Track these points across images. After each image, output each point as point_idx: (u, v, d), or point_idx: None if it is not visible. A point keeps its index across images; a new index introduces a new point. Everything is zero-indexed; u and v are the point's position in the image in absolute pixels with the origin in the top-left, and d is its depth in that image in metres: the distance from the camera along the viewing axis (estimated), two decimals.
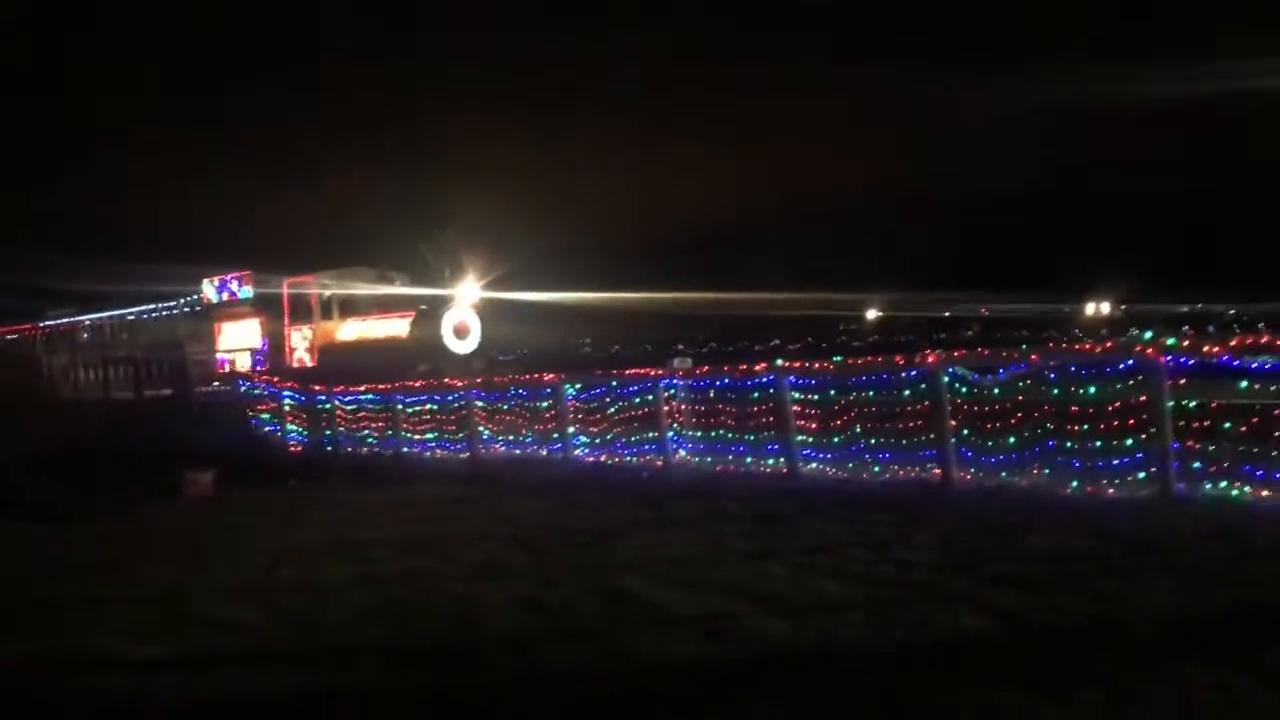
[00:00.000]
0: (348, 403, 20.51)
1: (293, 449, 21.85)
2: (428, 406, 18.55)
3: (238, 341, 29.28)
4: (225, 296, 29.50)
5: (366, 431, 20.06)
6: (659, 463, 14.16)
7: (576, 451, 15.69)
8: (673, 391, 14.07)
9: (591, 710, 5.17)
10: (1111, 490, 9.43)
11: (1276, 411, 8.37)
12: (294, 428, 22.22)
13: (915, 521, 9.34)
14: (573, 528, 10.62)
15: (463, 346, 24.61)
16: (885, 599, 6.94)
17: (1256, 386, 8.57)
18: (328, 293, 27.50)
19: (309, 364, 27.03)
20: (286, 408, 22.38)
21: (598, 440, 15.36)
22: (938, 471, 10.88)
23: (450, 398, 18.12)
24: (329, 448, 20.74)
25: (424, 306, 25.47)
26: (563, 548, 9.60)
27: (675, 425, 14.06)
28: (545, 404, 16.22)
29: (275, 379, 24.32)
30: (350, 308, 27.27)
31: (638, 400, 14.45)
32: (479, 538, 10.45)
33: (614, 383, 15.05)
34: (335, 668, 6.30)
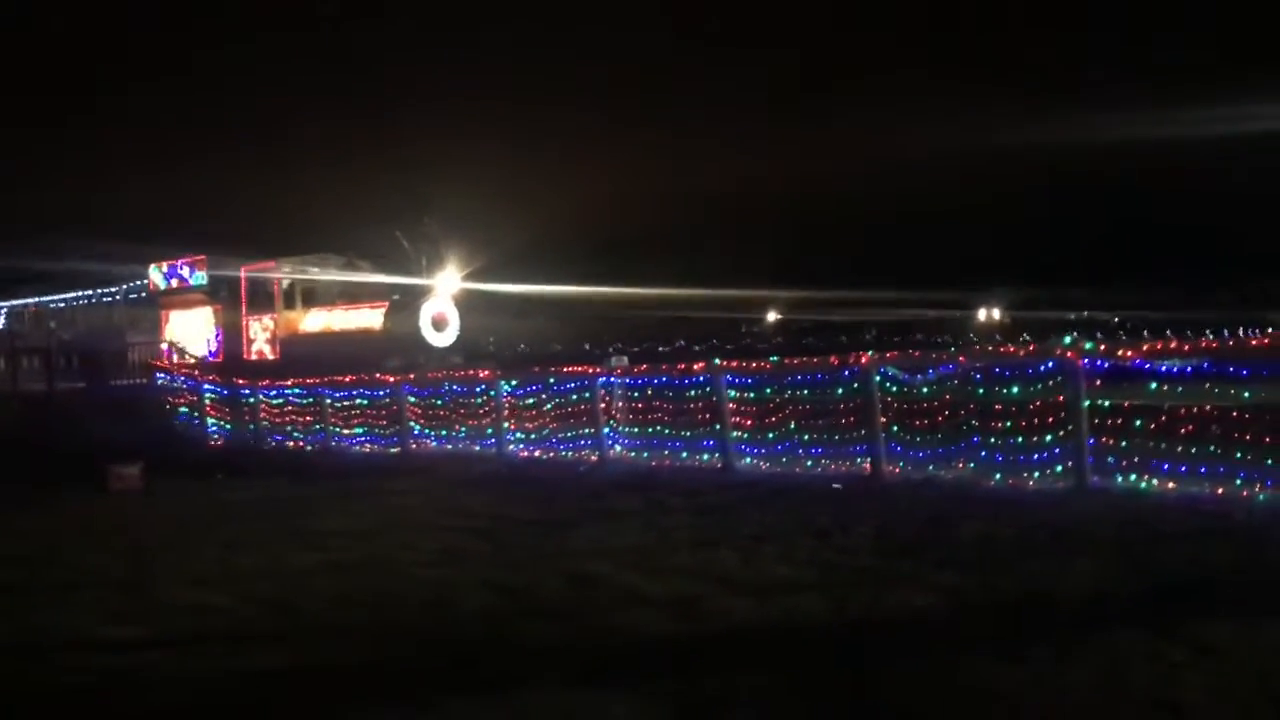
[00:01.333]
0: (273, 397, 20.48)
1: (213, 443, 21.73)
2: (357, 401, 18.68)
3: (187, 331, 27.95)
4: (174, 283, 27.94)
5: (291, 426, 20.07)
6: (594, 458, 14.57)
7: (511, 447, 16.02)
8: (610, 389, 14.50)
9: (586, 678, 5.57)
10: (1031, 482, 10.15)
11: (1182, 411, 9.14)
12: (215, 421, 22.08)
13: (851, 511, 9.93)
14: (523, 519, 10.97)
15: (441, 339, 23.76)
16: (836, 581, 7.47)
17: (1165, 388, 9.37)
18: (289, 280, 26.09)
19: (269, 356, 25.89)
20: (207, 401, 22.22)
21: (533, 436, 15.72)
22: (867, 465, 11.51)
23: (381, 393, 18.28)
24: (252, 442, 20.69)
25: (396, 296, 24.45)
26: (519, 537, 9.97)
27: (612, 422, 14.49)
28: (480, 400, 16.51)
29: (202, 373, 23.73)
30: (315, 297, 26.05)
31: (575, 397, 14.85)
32: (432, 528, 10.75)
33: (551, 379, 15.43)
34: (329, 646, 6.60)
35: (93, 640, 6.94)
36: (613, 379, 14.67)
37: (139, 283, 29.75)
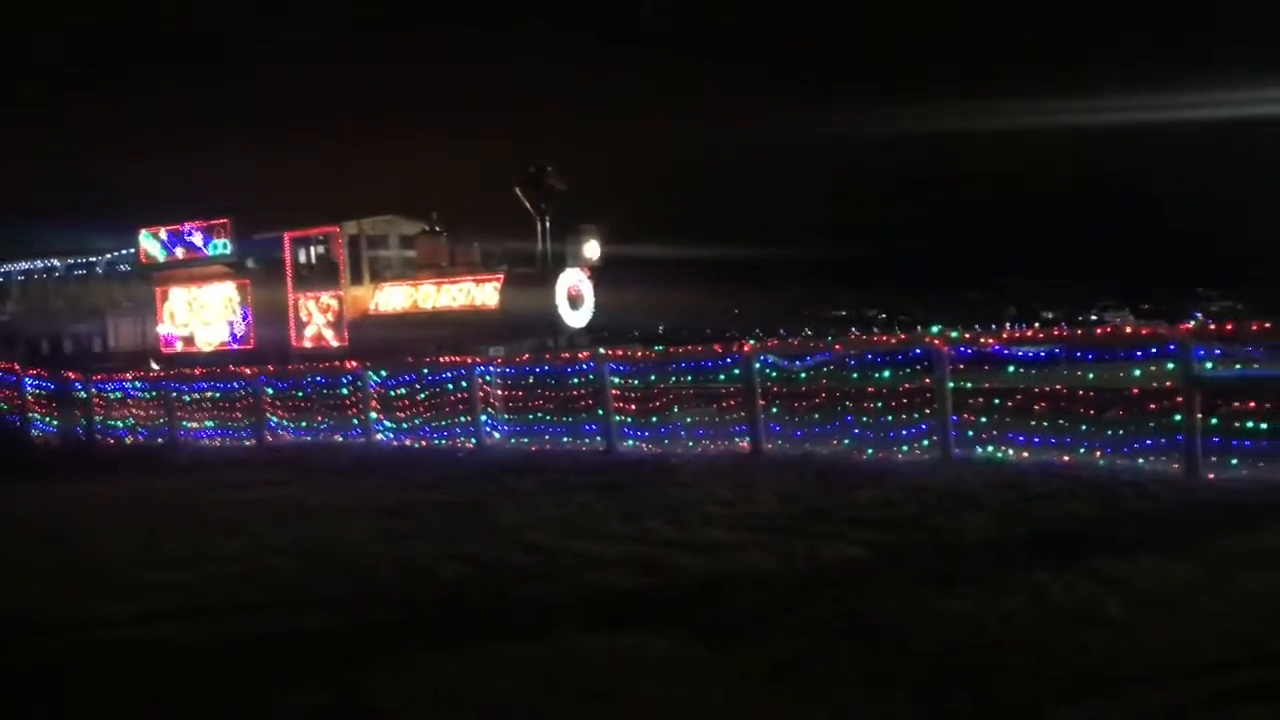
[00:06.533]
0: (110, 390, 19.88)
1: (38, 440, 20.85)
2: (209, 394, 18.43)
3: (199, 311, 23.00)
4: (181, 252, 22.71)
5: (132, 420, 19.56)
6: (470, 444, 15.06)
7: (380, 436, 16.29)
8: (488, 377, 15.03)
9: (605, 623, 6.27)
10: (900, 455, 11.39)
11: (1035, 390, 10.57)
12: (39, 417, 21.15)
13: (746, 483, 10.88)
14: (429, 501, 11.41)
15: (577, 319, 19.26)
16: (768, 540, 8.39)
17: (1021, 370, 10.79)
18: (376, 248, 20.91)
19: (332, 343, 20.76)
20: (30, 396, 21.25)
21: (404, 425, 16.04)
22: (745, 444, 12.53)
23: (235, 385, 18.12)
24: (85, 439, 20.02)
25: (503, 266, 19.78)
26: (440, 516, 10.44)
27: (490, 409, 15.02)
28: (346, 390, 16.69)
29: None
30: (385, 268, 21.13)
31: (450, 386, 15.29)
32: (342, 511, 11.06)
33: (425, 370, 15.80)
34: (345, 609, 7.06)
35: (85, 619, 7.14)
36: (490, 367, 15.20)
37: (124, 252, 24.72)
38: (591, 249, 18.98)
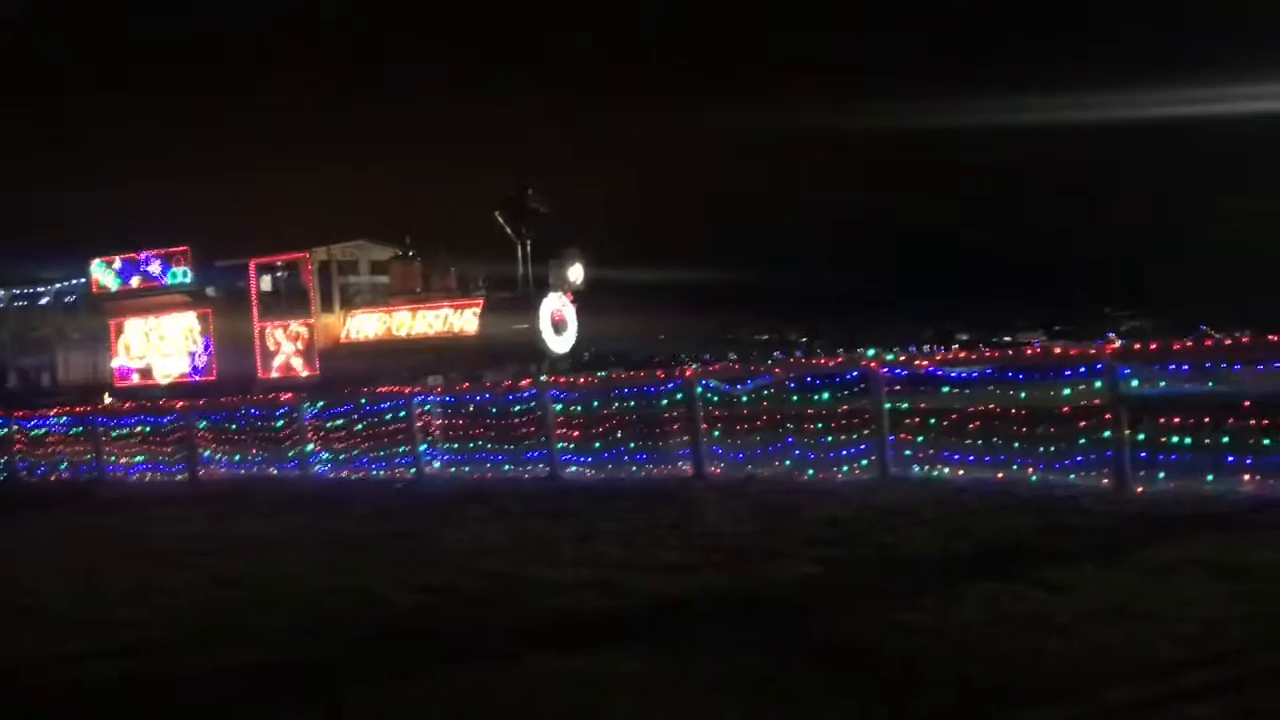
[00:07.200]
0: (32, 427, 19.41)
1: None
2: (139, 429, 18.10)
3: (157, 342, 22.20)
4: (136, 282, 21.96)
5: (57, 458, 19.11)
6: (409, 475, 15.02)
7: (317, 468, 16.15)
8: (428, 407, 15.02)
9: (575, 646, 6.36)
10: (840, 475, 11.67)
11: (969, 409, 10.93)
12: None
13: (693, 506, 11.05)
14: (372, 531, 11.38)
15: (561, 344, 18.64)
16: (721, 560, 8.57)
17: (955, 391, 11.16)
18: (347, 274, 20.34)
19: (302, 373, 20.10)
20: None
21: (341, 457, 15.93)
22: (689, 468, 12.72)
23: (165, 420, 17.83)
24: (5, 476, 19.51)
25: (480, 291, 19.26)
26: (386, 546, 10.42)
27: (430, 438, 15.00)
28: (281, 423, 16.53)
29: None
30: (356, 296, 20.48)
31: (389, 416, 15.25)
32: (289, 543, 10.98)
33: (362, 400, 15.74)
34: (301, 641, 7.03)
35: (52, 654, 7.03)
36: (430, 396, 15.19)
37: (74, 282, 23.77)
38: (575, 272, 18.60)
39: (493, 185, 20.61)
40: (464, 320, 18.79)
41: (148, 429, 18.03)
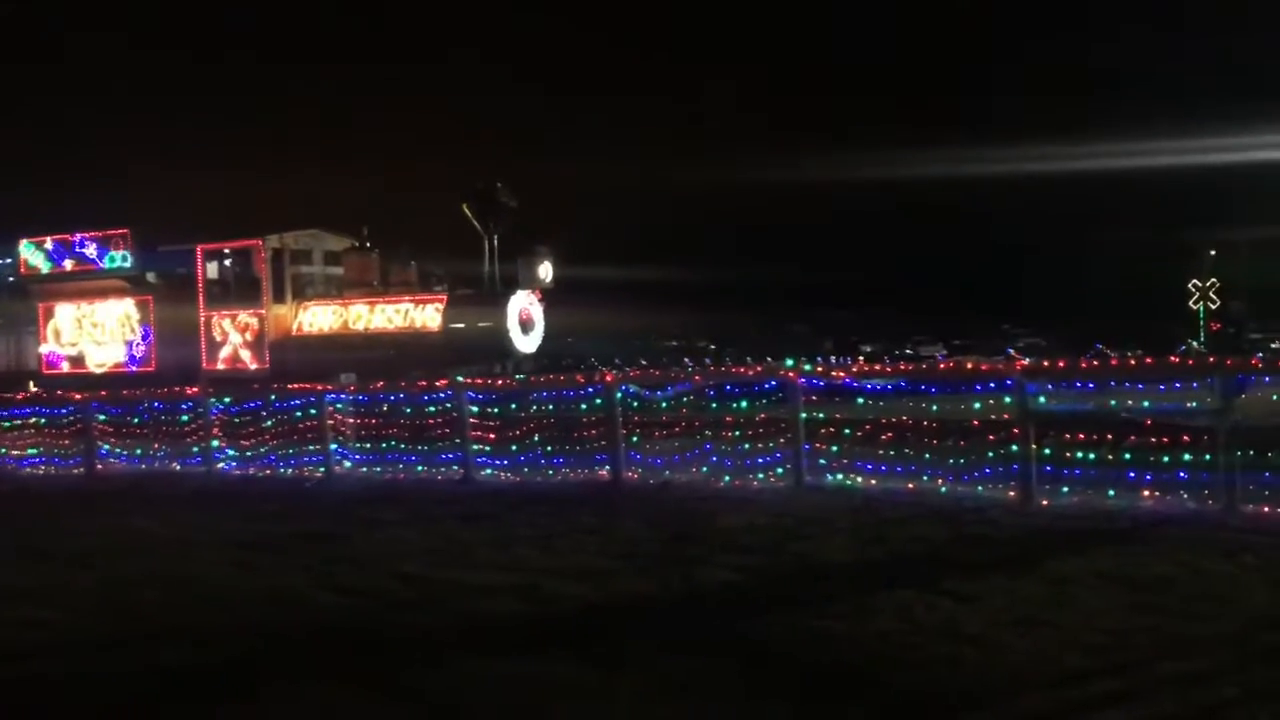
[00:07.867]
0: None
1: None
2: (32, 420, 17.51)
3: (90, 329, 21.20)
4: (70, 265, 20.88)
5: None
6: (318, 474, 14.80)
7: (221, 465, 15.82)
8: (339, 405, 14.82)
9: (503, 651, 6.37)
10: (755, 483, 11.84)
11: (883, 421, 11.20)
12: None
13: (611, 512, 11.11)
14: (284, 532, 11.15)
15: (528, 344, 18.16)
16: (642, 566, 8.63)
17: (870, 402, 11.42)
18: (302, 264, 19.57)
19: (250, 365, 19.36)
20: None
21: (248, 453, 15.63)
22: (605, 473, 12.78)
23: (62, 411, 17.28)
24: None
25: (442, 286, 18.74)
26: (300, 548, 10.22)
27: (340, 437, 14.80)
28: (186, 417, 16.15)
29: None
30: (309, 287, 19.72)
31: (299, 414, 15.00)
32: (193, 544, 10.68)
33: (272, 396, 15.46)
34: (224, 643, 6.94)
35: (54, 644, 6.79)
36: (342, 395, 15.00)
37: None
38: (545, 270, 18.18)
39: (457, 181, 20.65)
40: (426, 316, 18.32)
41: (42, 420, 17.45)
